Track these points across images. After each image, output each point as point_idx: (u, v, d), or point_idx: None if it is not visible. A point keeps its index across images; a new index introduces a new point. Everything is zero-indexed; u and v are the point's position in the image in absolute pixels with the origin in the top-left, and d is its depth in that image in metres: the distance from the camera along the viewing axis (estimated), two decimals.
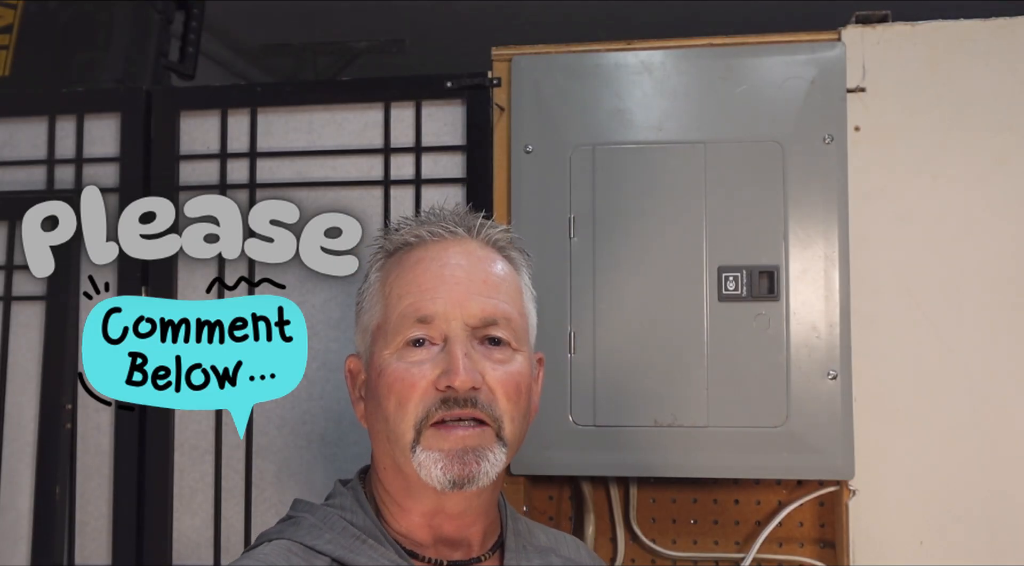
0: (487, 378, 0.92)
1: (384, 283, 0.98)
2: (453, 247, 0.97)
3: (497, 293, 0.95)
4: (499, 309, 0.94)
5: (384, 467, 0.96)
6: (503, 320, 0.94)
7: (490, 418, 0.91)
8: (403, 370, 0.92)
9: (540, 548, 1.03)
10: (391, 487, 0.96)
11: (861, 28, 1.41)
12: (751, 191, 1.36)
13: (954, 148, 1.38)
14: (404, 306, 0.94)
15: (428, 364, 0.92)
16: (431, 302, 0.93)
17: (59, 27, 1.85)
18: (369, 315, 0.98)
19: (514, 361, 0.95)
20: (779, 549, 1.44)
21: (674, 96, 1.40)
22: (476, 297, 0.93)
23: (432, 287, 0.93)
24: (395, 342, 0.93)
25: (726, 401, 1.34)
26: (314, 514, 0.97)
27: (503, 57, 1.45)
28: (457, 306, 0.93)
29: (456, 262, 0.95)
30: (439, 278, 0.94)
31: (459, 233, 0.98)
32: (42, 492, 1.48)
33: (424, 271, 0.95)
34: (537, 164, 1.41)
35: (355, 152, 1.50)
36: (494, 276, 0.96)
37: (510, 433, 0.93)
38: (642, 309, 1.36)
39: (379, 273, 1.00)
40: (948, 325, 1.37)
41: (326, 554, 0.92)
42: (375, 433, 0.97)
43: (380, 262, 1.01)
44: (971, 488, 1.35)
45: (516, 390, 0.94)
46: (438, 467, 0.90)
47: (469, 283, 0.94)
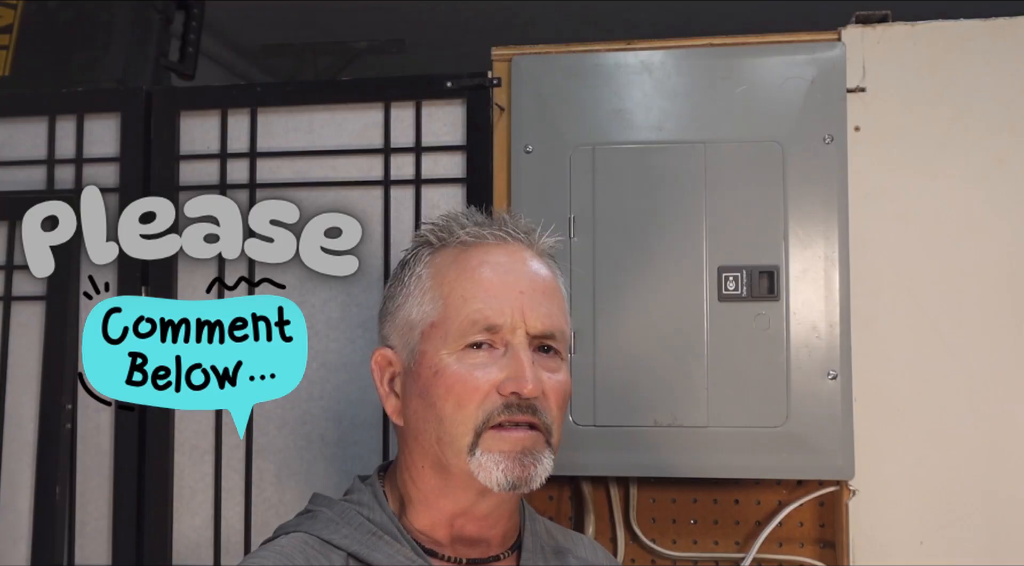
0: (545, 386, 0.94)
1: (441, 280, 0.97)
2: (516, 254, 0.98)
3: (553, 304, 0.98)
4: (556, 321, 0.97)
5: (420, 466, 0.96)
6: (559, 332, 0.97)
7: (543, 425, 0.94)
8: (465, 372, 0.93)
9: (557, 549, 1.05)
10: (424, 486, 0.96)
11: (861, 28, 1.41)
12: (751, 191, 1.36)
13: (954, 148, 1.38)
14: (471, 311, 0.94)
15: (492, 368, 0.93)
16: (499, 312, 0.94)
17: (59, 27, 1.85)
18: (419, 310, 0.97)
19: (563, 371, 0.98)
20: (779, 549, 1.44)
21: (674, 96, 1.40)
22: (539, 307, 0.96)
23: (499, 294, 0.95)
24: (457, 344, 0.94)
25: (726, 401, 1.34)
26: (332, 508, 0.97)
27: (503, 57, 1.45)
28: (521, 315, 0.94)
29: (520, 269, 0.97)
30: (505, 285, 0.95)
31: (520, 238, 1.00)
32: (42, 492, 1.48)
33: (490, 276, 0.96)
34: (537, 164, 1.41)
35: (355, 152, 1.49)
36: (552, 287, 0.99)
37: (556, 440, 0.96)
38: (642, 309, 1.36)
39: (430, 268, 0.99)
40: (948, 325, 1.37)
41: (342, 549, 0.92)
42: (419, 432, 0.96)
43: (428, 256, 1.00)
44: (971, 488, 1.35)
45: (564, 399, 0.98)
46: (499, 469, 0.91)
47: (532, 293, 0.96)
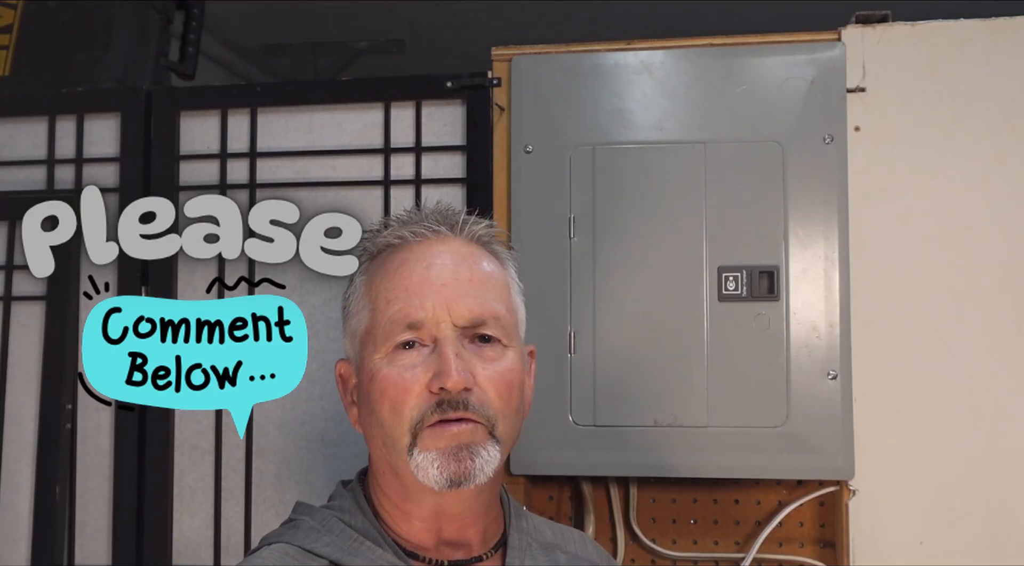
0: (478, 377, 0.91)
1: (370, 287, 0.97)
2: (437, 246, 0.96)
3: (484, 291, 0.94)
4: (487, 308, 0.93)
5: (382, 471, 0.96)
6: (492, 319, 0.94)
7: (483, 418, 0.91)
8: (395, 375, 0.91)
9: (545, 544, 1.03)
10: (389, 491, 0.96)
11: (861, 28, 1.41)
12: (751, 191, 1.36)
13: (954, 148, 1.38)
14: (392, 311, 0.93)
15: (420, 367, 0.91)
16: (419, 307, 0.92)
17: (59, 27, 1.85)
18: (357, 320, 0.97)
19: (505, 358, 0.94)
20: (779, 549, 1.44)
21: (674, 96, 1.40)
22: (464, 297, 0.93)
23: (419, 290, 0.93)
24: (385, 347, 0.93)
25: (726, 401, 1.34)
26: (313, 517, 0.97)
27: (503, 57, 1.45)
28: (445, 308, 0.92)
29: (441, 262, 0.94)
30: (425, 280, 0.93)
31: (442, 231, 0.97)
32: (42, 492, 1.48)
33: (409, 273, 0.94)
34: (537, 164, 1.41)
35: (355, 152, 1.50)
36: (480, 274, 0.96)
37: (503, 431, 0.92)
38: (642, 309, 1.36)
39: (364, 276, 0.98)
40: (948, 325, 1.37)
41: (324, 557, 0.92)
42: (370, 438, 0.96)
43: (364, 265, 1.00)
44: (971, 488, 1.35)
45: (508, 388, 0.93)
46: (434, 466, 0.89)
47: (456, 283, 0.93)
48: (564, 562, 1.03)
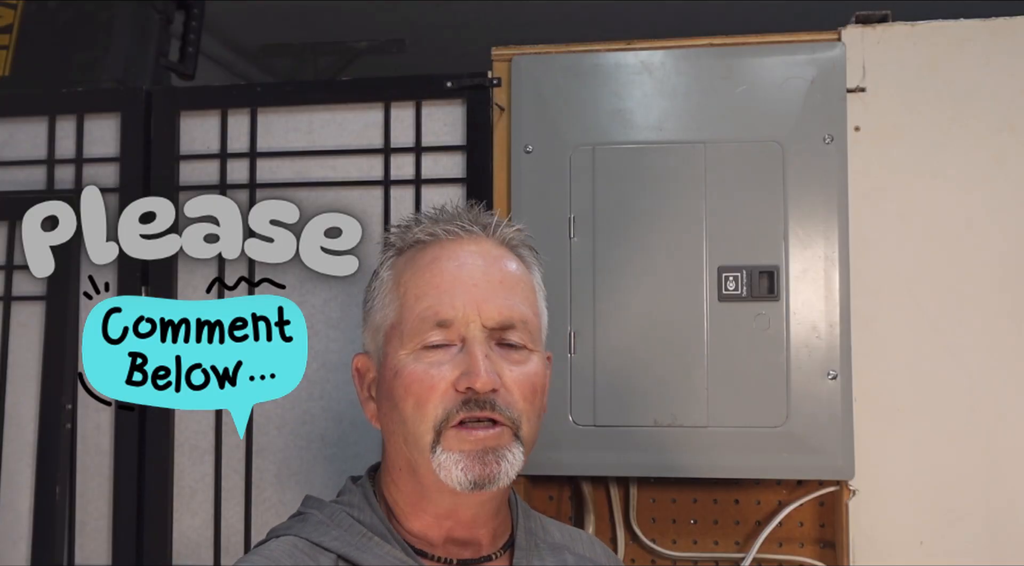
0: (505, 379, 0.92)
1: (398, 282, 0.96)
2: (469, 246, 0.96)
3: (513, 294, 0.95)
4: (516, 311, 0.94)
5: (398, 468, 0.96)
6: (520, 323, 0.94)
7: (508, 420, 0.91)
8: (422, 371, 0.91)
9: (554, 546, 1.03)
10: (404, 488, 0.96)
11: (861, 28, 1.41)
12: (751, 191, 1.36)
13: (954, 148, 1.38)
14: (422, 308, 0.93)
15: (447, 365, 0.91)
16: (450, 306, 0.92)
17: (59, 27, 1.85)
18: (382, 314, 0.97)
19: (530, 362, 0.95)
20: (779, 549, 1.44)
21: (674, 96, 1.40)
22: (494, 299, 0.93)
23: (450, 288, 0.93)
24: (412, 343, 0.93)
25: (726, 401, 1.34)
26: (322, 511, 0.97)
27: (503, 57, 1.45)
28: (475, 308, 0.92)
29: (472, 262, 0.94)
30: (456, 279, 0.93)
31: (475, 231, 0.97)
32: (42, 492, 1.48)
33: (441, 271, 0.94)
34: (537, 164, 1.41)
35: (355, 152, 1.49)
36: (511, 276, 0.96)
37: (527, 433, 0.93)
38: (642, 309, 1.36)
39: (391, 271, 0.98)
40: (948, 325, 1.37)
41: (332, 551, 0.92)
42: (389, 435, 0.96)
43: (391, 259, 0.99)
44: (971, 488, 1.35)
45: (532, 391, 0.94)
46: (459, 468, 0.89)
47: (487, 284, 0.93)
48: (572, 563, 1.03)
